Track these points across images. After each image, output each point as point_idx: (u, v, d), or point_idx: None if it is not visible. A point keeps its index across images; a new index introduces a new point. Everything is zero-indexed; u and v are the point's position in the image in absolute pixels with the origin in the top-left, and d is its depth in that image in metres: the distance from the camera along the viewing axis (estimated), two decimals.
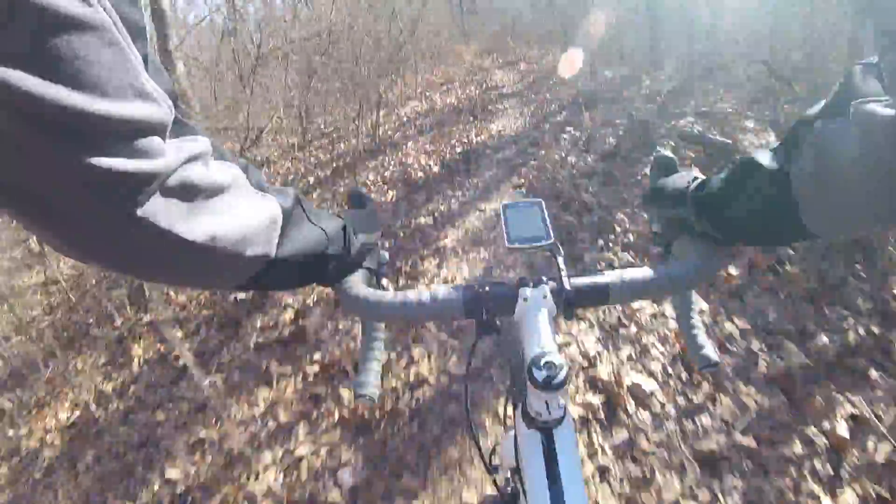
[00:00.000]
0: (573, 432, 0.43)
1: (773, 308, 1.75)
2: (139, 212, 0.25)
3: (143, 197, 0.25)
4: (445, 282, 2.37)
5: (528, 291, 0.47)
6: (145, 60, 0.24)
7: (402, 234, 2.88)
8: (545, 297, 0.46)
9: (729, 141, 2.83)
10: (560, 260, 0.49)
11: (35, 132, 0.20)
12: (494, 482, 0.59)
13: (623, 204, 2.67)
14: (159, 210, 0.26)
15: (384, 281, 0.58)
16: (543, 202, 0.55)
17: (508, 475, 0.77)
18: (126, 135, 0.23)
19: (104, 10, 0.21)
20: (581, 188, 2.93)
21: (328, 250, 0.43)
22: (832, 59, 3.29)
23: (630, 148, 3.32)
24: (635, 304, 1.89)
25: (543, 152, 3.73)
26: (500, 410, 1.22)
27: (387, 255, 0.59)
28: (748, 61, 4.38)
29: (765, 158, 0.37)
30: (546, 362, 0.39)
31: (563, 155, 3.56)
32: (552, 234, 0.51)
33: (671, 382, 1.58)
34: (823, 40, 3.47)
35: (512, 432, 0.50)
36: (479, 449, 0.54)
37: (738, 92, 4.01)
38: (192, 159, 0.28)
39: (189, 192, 0.28)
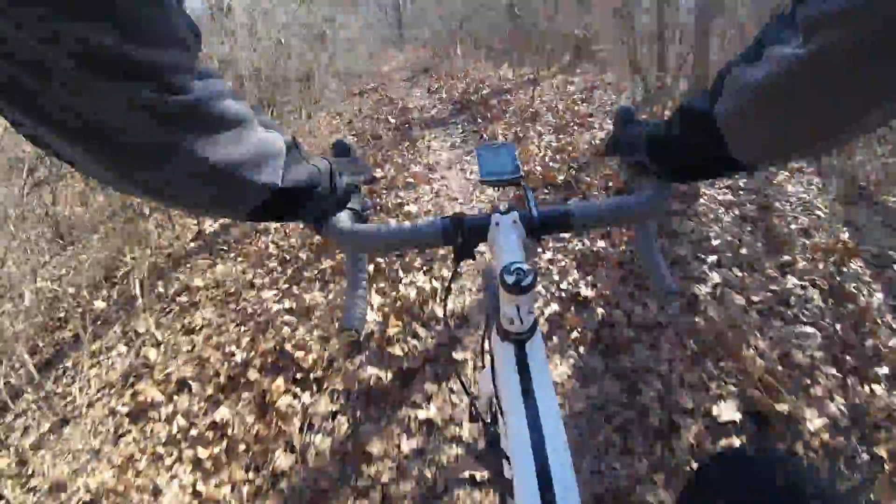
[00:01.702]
0: (543, 346, 0.47)
1: None
2: (174, 139, 0.29)
3: (176, 125, 0.29)
4: None
5: (499, 217, 0.51)
6: (179, 3, 0.28)
7: None
8: (514, 222, 0.51)
9: None
10: (528, 192, 0.55)
11: (90, 73, 0.24)
12: (473, 407, 0.77)
13: None
14: (190, 138, 0.30)
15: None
16: (514, 145, 0.61)
17: (489, 418, 0.82)
18: (165, 75, 0.27)
19: None
20: None
21: (318, 188, 0.45)
22: None
23: None
24: None
25: None
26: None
27: (370, 201, 0.60)
28: None
29: (696, 102, 0.41)
30: (515, 268, 0.42)
31: None
32: (521, 170, 0.58)
33: None
34: None
35: (489, 366, 0.60)
36: (465, 386, 0.69)
37: None
38: (216, 96, 0.31)
39: (214, 123, 0.32)
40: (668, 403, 1.40)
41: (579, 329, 1.71)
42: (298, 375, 1.69)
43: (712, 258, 1.99)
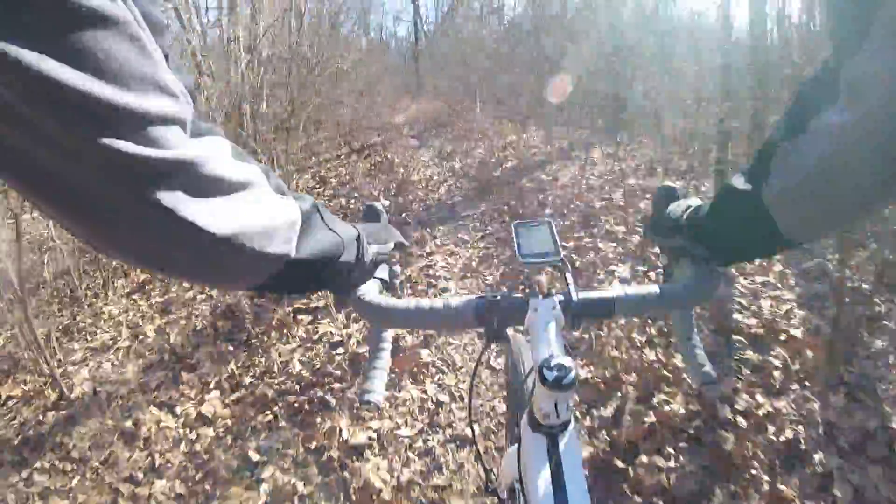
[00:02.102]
0: (577, 437, 0.44)
1: None
2: (161, 199, 0.25)
3: (164, 184, 0.25)
4: None
5: (538, 302, 0.48)
6: (166, 57, 0.25)
7: None
8: (554, 308, 0.48)
9: None
10: (568, 275, 0.51)
11: (55, 117, 0.21)
12: (493, 492, 0.69)
13: None
14: (180, 200, 0.26)
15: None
16: (552, 222, 0.57)
17: (505, 495, 0.77)
18: (144, 124, 0.23)
19: (126, 5, 0.22)
20: None
21: (342, 257, 0.43)
22: None
23: None
24: None
25: None
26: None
27: (399, 268, 0.58)
28: None
29: (739, 182, 0.39)
30: (556, 364, 0.40)
31: None
32: (560, 251, 0.54)
33: None
34: None
35: (513, 447, 0.56)
36: (483, 463, 0.68)
37: None
38: (214, 156, 0.28)
39: (212, 186, 0.28)
40: None
41: None
42: None
43: None
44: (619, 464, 1.28)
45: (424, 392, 1.66)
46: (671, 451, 1.29)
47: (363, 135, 7.10)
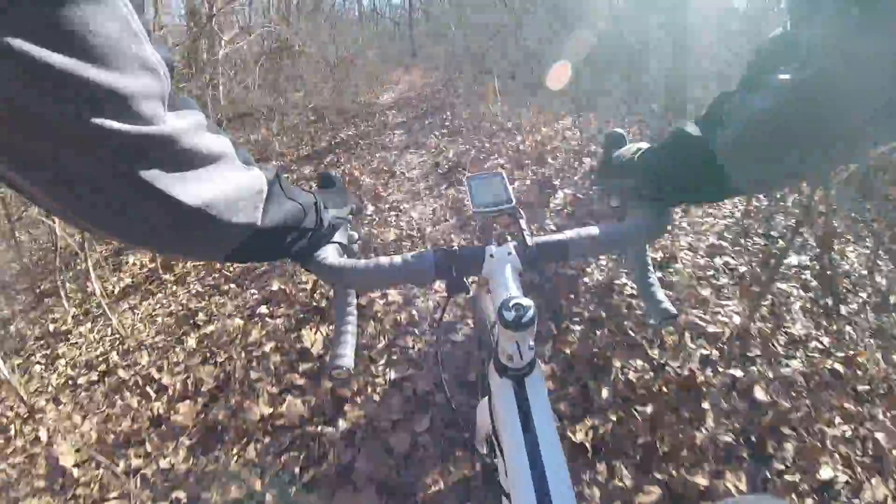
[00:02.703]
0: (542, 380, 0.45)
1: None
2: (141, 173, 0.26)
3: (144, 159, 0.26)
4: None
5: (493, 249, 0.49)
6: (148, 33, 0.25)
7: None
8: (510, 253, 0.49)
9: None
10: (522, 222, 0.52)
11: (44, 99, 0.21)
12: (473, 450, 0.76)
13: None
14: (159, 173, 0.27)
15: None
16: (504, 173, 0.59)
17: (485, 449, 0.78)
18: (127, 101, 0.24)
19: None
20: None
21: (303, 224, 0.44)
22: None
23: None
24: None
25: None
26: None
27: (356, 234, 0.59)
28: None
29: (693, 129, 0.40)
30: (515, 304, 0.40)
31: None
32: (513, 199, 0.56)
33: None
34: None
35: (486, 398, 0.53)
36: (458, 419, 0.68)
37: None
38: (190, 129, 0.29)
39: (186, 159, 0.29)
40: None
41: None
42: None
43: None
44: None
45: None
46: None
47: (331, 123, 5.33)
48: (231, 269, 2.48)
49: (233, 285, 2.34)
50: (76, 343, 2.20)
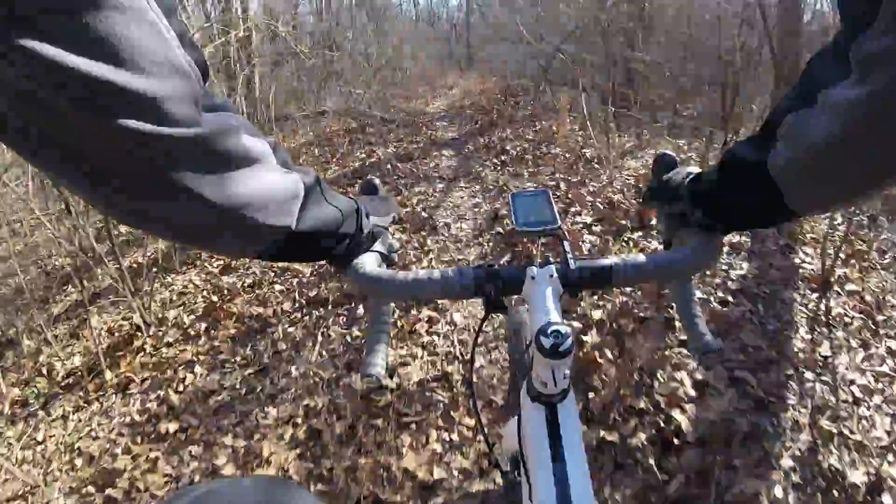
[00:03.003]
0: (575, 408, 0.44)
1: None
2: (172, 174, 0.27)
3: (175, 160, 0.26)
4: None
5: (535, 271, 0.48)
6: (181, 36, 0.25)
7: None
8: (551, 276, 0.47)
9: None
10: (566, 243, 0.51)
11: (73, 103, 0.22)
12: (496, 464, 0.69)
13: None
14: (192, 175, 0.27)
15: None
16: (549, 191, 0.57)
17: (508, 466, 0.77)
18: (158, 104, 0.24)
19: None
20: None
21: (342, 229, 0.44)
22: None
23: None
24: None
25: None
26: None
27: (397, 243, 0.58)
28: None
29: (746, 151, 0.39)
30: (553, 330, 0.39)
31: None
32: (558, 219, 0.53)
33: None
34: None
35: (514, 418, 0.55)
36: (483, 431, 0.61)
37: None
38: (226, 131, 0.29)
39: (221, 161, 0.29)
40: None
41: None
42: None
43: None
44: None
45: None
46: None
47: (369, 140, 4.56)
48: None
49: (197, 415, 1.52)
50: None
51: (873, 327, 1.50)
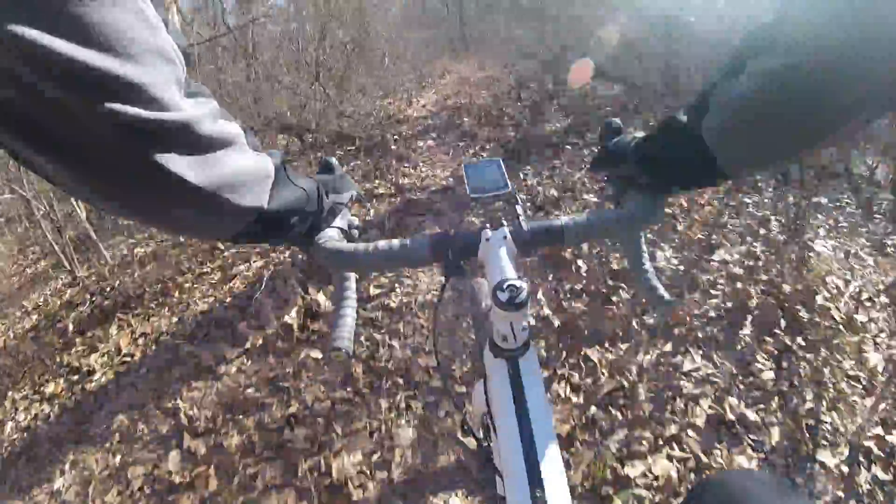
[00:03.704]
0: (537, 362, 0.46)
1: None
2: (157, 157, 0.27)
3: (160, 144, 0.27)
4: None
5: (489, 233, 0.50)
6: (165, 23, 0.27)
7: None
8: (505, 237, 0.49)
9: None
10: (518, 207, 0.53)
11: (63, 87, 0.22)
12: (469, 432, 0.74)
13: None
14: (174, 158, 0.28)
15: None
16: (501, 159, 0.58)
17: (481, 433, 0.80)
18: (145, 89, 0.25)
19: None
20: None
21: (307, 208, 0.45)
22: None
23: None
24: None
25: None
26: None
27: (356, 220, 0.58)
28: None
29: (682, 116, 0.42)
30: (509, 284, 0.41)
31: None
32: (509, 185, 0.55)
33: None
34: None
35: (480, 381, 0.58)
36: (454, 402, 0.74)
37: None
38: (205, 115, 0.30)
39: (201, 144, 0.30)
40: None
41: None
42: None
43: None
44: None
45: None
46: None
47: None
48: None
49: None
50: None
51: None
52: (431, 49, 8.82)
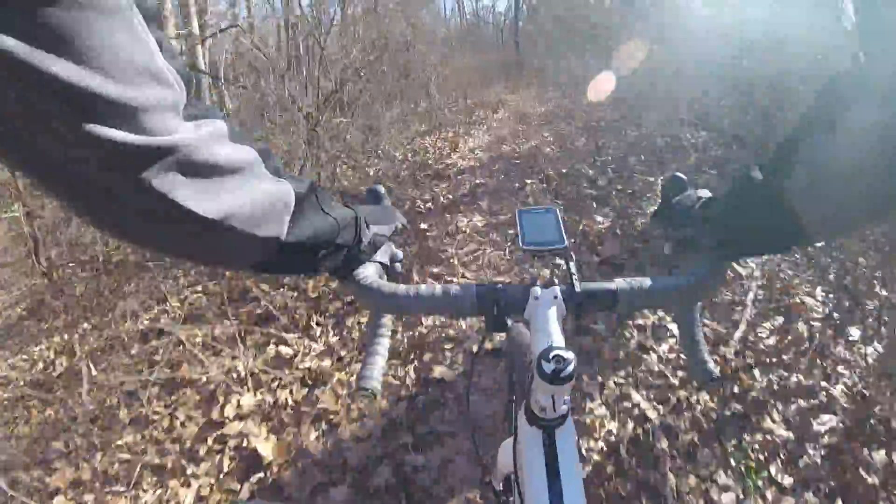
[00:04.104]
0: (574, 434, 0.43)
1: None
2: (154, 184, 0.25)
3: (155, 170, 0.25)
4: None
5: (539, 291, 0.46)
6: (160, 44, 0.25)
7: None
8: (555, 297, 0.46)
9: None
10: (571, 265, 0.50)
11: (51, 107, 0.21)
12: (489, 485, 0.68)
13: None
14: (173, 184, 0.26)
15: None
16: (558, 210, 0.55)
17: (501, 486, 0.75)
18: (137, 112, 0.23)
19: None
20: None
21: (338, 240, 0.42)
22: None
23: None
24: None
25: None
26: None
27: (401, 253, 0.55)
28: None
29: (760, 174, 0.38)
30: (555, 355, 0.38)
31: None
32: (565, 240, 0.52)
33: None
34: None
35: (510, 439, 0.54)
36: (478, 452, 0.63)
37: None
38: (207, 139, 0.28)
39: (205, 170, 0.28)
40: None
41: None
42: None
43: None
44: None
45: None
46: None
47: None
48: None
49: None
50: None
51: None
52: (484, 76, 7.96)
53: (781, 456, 1.03)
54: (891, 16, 0.27)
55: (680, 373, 1.28)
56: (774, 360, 1.28)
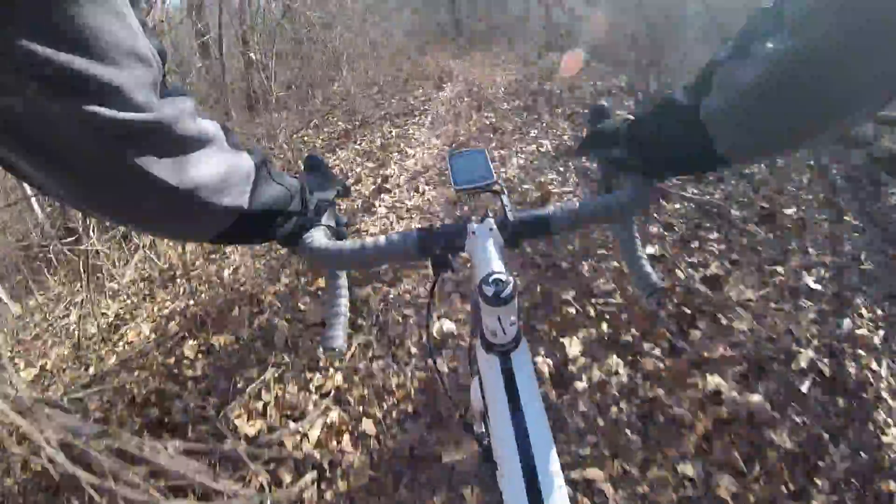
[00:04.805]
0: (528, 355, 0.44)
1: None
2: (135, 159, 0.27)
3: (137, 145, 0.27)
4: None
5: (475, 226, 0.48)
6: (143, 24, 0.26)
7: None
8: (491, 229, 0.48)
9: None
10: (504, 197, 0.51)
11: (39, 88, 0.22)
12: (464, 421, 0.72)
13: None
14: (150, 159, 0.27)
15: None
16: (486, 150, 0.56)
17: (483, 429, 0.76)
18: (121, 91, 0.24)
19: None
20: None
21: (290, 207, 0.44)
22: None
23: None
24: None
25: None
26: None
27: (344, 217, 0.57)
28: None
29: (680, 97, 0.39)
30: (494, 279, 0.40)
31: None
32: (495, 176, 0.54)
33: None
34: None
35: (477, 376, 0.55)
36: (446, 390, 0.65)
37: None
38: (181, 115, 0.29)
39: (178, 144, 0.29)
40: None
41: None
42: None
43: None
44: None
45: None
46: None
47: None
48: None
49: None
50: None
51: None
52: (418, 43, 6.26)
53: None
54: None
55: None
56: None
